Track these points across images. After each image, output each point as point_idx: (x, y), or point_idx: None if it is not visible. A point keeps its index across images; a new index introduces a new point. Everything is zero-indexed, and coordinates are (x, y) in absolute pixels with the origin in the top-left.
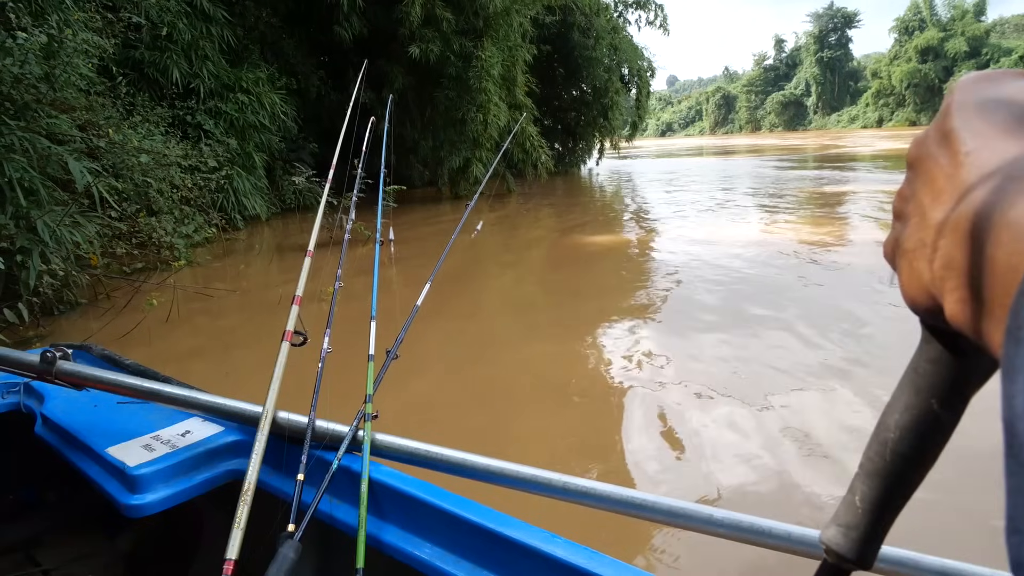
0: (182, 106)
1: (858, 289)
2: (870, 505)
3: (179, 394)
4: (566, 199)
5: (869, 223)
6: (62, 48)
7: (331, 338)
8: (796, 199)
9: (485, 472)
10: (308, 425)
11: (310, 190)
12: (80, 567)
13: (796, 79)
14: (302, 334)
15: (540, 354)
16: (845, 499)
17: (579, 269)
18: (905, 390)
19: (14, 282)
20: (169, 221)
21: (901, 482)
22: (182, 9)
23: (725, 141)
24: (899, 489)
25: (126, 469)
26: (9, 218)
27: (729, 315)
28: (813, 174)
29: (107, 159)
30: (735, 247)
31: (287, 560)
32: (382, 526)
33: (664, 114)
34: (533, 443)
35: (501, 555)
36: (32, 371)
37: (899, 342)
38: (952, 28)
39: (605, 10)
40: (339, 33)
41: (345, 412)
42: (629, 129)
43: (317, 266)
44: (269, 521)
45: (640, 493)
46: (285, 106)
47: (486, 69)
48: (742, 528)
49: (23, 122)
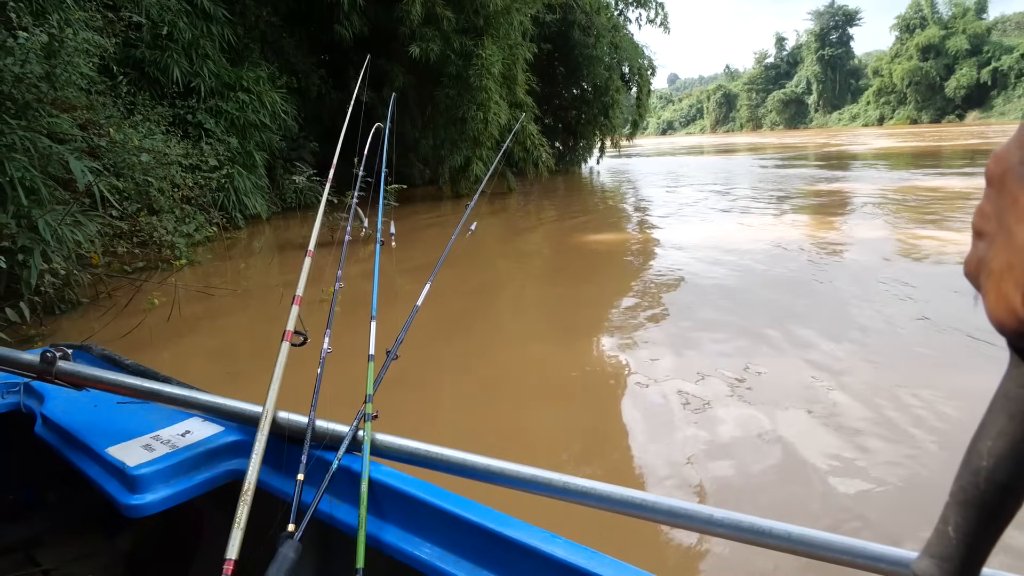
0: (183, 105)
1: (865, 286)
2: (965, 536)
3: (179, 394)
4: (567, 198)
5: (873, 220)
6: (63, 47)
7: (331, 338)
8: (797, 197)
9: (485, 472)
10: (308, 425)
11: (311, 189)
12: (80, 567)
13: (797, 77)
14: (302, 334)
15: (540, 354)
16: (937, 529)
17: (580, 268)
18: (997, 416)
19: (15, 281)
20: (170, 220)
21: (998, 512)
22: (182, 8)
23: (726, 139)
24: (996, 519)
25: (126, 469)
26: (11, 217)
27: (732, 313)
28: (813, 173)
29: (108, 158)
30: (736, 245)
31: (287, 560)
32: (382, 526)
33: (665, 112)
34: (533, 443)
35: (501, 555)
36: (32, 371)
37: (899, 342)
38: (953, 26)
39: (606, 8)
40: (339, 32)
41: (345, 412)
42: (630, 127)
43: (318, 266)
44: (269, 521)
45: (640, 493)
46: (286, 105)
47: (487, 67)
48: (742, 528)
49: (24, 121)
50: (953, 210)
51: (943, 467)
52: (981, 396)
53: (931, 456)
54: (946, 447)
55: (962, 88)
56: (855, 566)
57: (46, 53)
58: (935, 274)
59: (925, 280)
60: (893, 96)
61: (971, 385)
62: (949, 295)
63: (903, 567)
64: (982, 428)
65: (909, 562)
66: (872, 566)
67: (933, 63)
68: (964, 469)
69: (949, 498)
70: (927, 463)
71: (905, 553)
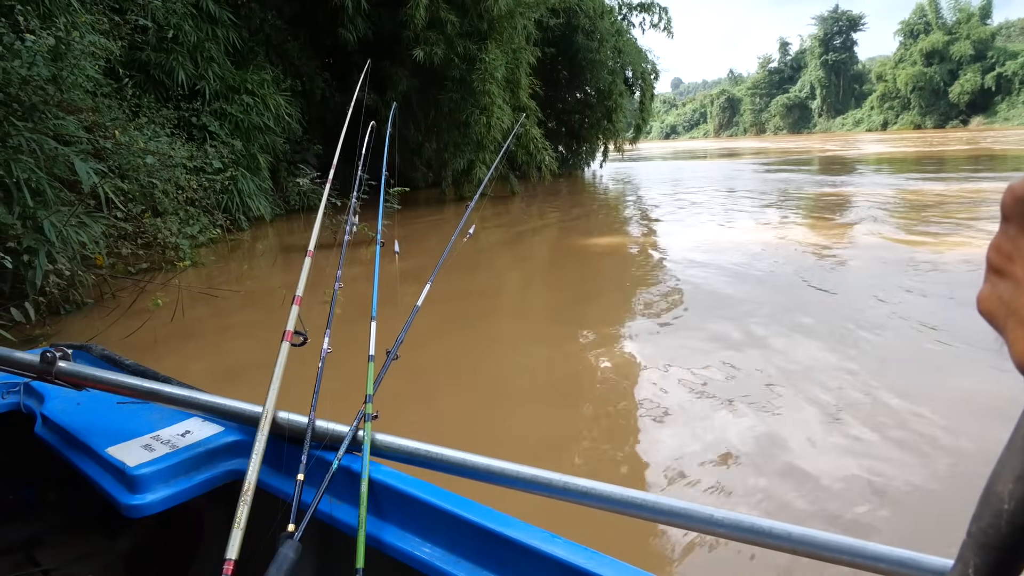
0: (187, 107)
1: (864, 291)
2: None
3: (179, 394)
4: (570, 201)
5: (871, 226)
6: (69, 50)
7: (331, 338)
8: (797, 202)
9: (485, 472)
10: (308, 425)
11: (314, 192)
12: (80, 567)
13: (801, 82)
14: (302, 334)
15: (540, 355)
16: (956, 570)
17: (581, 271)
18: (1016, 457)
19: (20, 281)
20: (174, 222)
21: (1020, 554)
22: (188, 11)
23: (729, 144)
24: (1017, 562)
25: (126, 469)
26: (16, 218)
27: (731, 316)
28: (814, 178)
29: (113, 160)
30: (737, 249)
31: (287, 560)
32: (382, 526)
33: (668, 116)
34: (531, 443)
35: (501, 555)
36: (32, 371)
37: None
38: (957, 31)
39: (609, 13)
40: (344, 35)
41: (345, 412)
42: (633, 132)
43: (319, 267)
44: (269, 521)
45: (640, 493)
46: (290, 108)
47: (490, 72)
48: (742, 528)
49: (31, 123)
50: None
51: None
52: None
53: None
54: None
55: (966, 94)
56: (855, 566)
57: (53, 56)
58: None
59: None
60: (897, 101)
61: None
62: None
63: (903, 567)
64: (1001, 469)
65: (910, 562)
66: (872, 566)
67: (937, 68)
68: (983, 510)
69: (967, 538)
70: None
71: (905, 553)
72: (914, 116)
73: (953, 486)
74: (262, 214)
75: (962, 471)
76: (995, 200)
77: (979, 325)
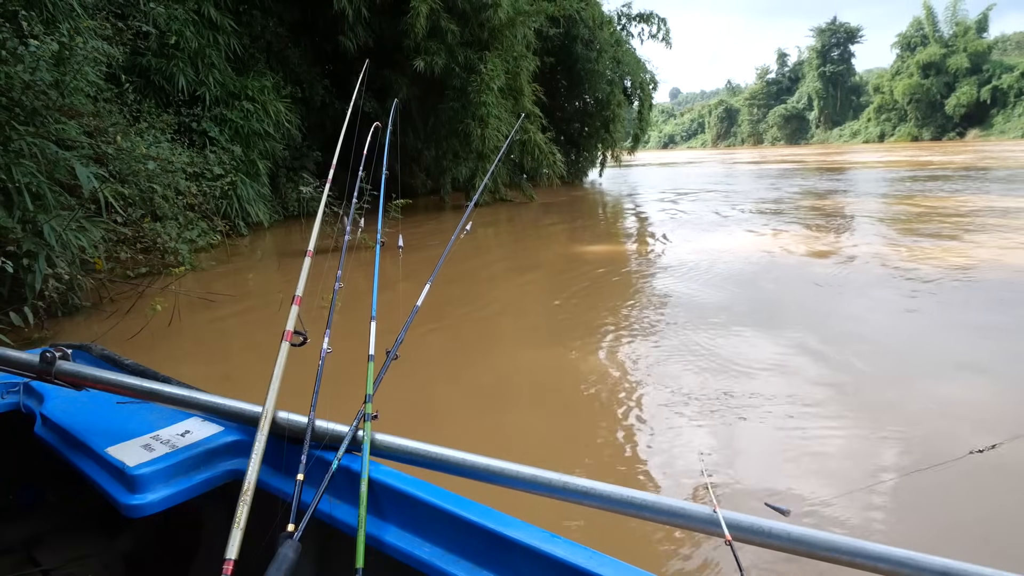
0: (188, 113)
1: (853, 296)
2: None
3: (179, 394)
4: (569, 207)
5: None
6: (72, 55)
7: (331, 338)
8: (793, 211)
9: (485, 472)
10: (308, 425)
11: (314, 198)
12: (80, 567)
13: (798, 93)
14: (302, 334)
15: (541, 357)
16: None
17: (582, 274)
18: None
19: (20, 285)
20: (173, 227)
21: None
22: (190, 18)
23: (727, 155)
24: None
25: (126, 469)
26: (16, 222)
27: (729, 320)
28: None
29: (114, 165)
30: (734, 256)
31: (287, 560)
32: (382, 526)
33: (666, 126)
34: (530, 443)
35: (501, 555)
36: (32, 371)
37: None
38: (954, 44)
39: (608, 23)
40: (344, 43)
41: (345, 412)
42: (631, 141)
43: (318, 271)
44: (269, 521)
45: (640, 493)
46: (290, 114)
47: (487, 83)
48: (742, 528)
49: (32, 127)
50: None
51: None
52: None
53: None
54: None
55: (962, 106)
56: (855, 566)
57: (56, 61)
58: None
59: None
60: (894, 113)
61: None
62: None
63: (903, 567)
64: None
65: (910, 562)
66: (872, 566)
67: (934, 80)
68: None
69: None
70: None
71: (905, 553)
72: (911, 128)
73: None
74: (261, 220)
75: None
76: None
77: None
